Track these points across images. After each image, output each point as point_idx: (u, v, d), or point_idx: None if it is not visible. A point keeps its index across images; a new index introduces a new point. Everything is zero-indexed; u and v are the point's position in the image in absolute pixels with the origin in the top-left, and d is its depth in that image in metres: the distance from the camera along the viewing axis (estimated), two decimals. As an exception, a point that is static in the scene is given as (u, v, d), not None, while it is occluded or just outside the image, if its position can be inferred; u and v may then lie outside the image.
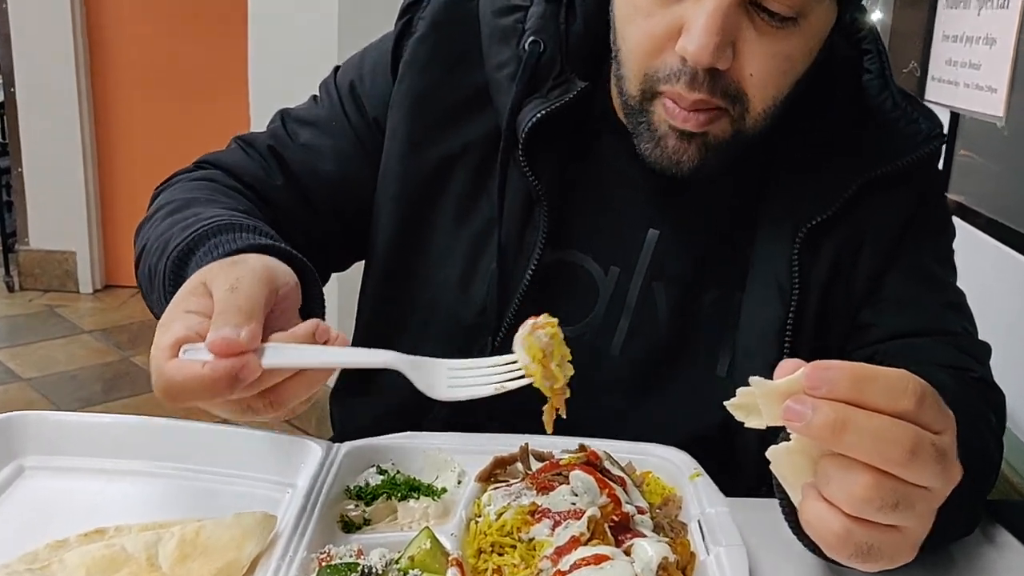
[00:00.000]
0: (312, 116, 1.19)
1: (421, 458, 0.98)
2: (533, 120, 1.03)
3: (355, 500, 0.91)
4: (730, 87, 0.94)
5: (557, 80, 1.06)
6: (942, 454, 0.66)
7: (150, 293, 1.01)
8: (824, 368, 0.65)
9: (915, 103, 1.10)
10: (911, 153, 1.06)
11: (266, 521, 0.84)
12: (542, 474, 0.91)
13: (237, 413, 0.79)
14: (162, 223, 1.02)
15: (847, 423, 0.63)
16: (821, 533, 0.67)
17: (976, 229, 1.76)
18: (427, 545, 0.79)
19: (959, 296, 1.15)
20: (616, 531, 0.83)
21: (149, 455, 0.97)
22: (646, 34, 0.95)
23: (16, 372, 4.03)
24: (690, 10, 0.92)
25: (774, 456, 0.69)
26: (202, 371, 0.74)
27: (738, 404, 0.68)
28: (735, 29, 0.91)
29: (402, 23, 1.14)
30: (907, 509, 0.66)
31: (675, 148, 0.98)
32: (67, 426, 0.98)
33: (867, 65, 1.11)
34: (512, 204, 1.08)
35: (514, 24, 1.08)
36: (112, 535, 0.84)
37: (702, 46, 0.90)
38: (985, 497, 0.97)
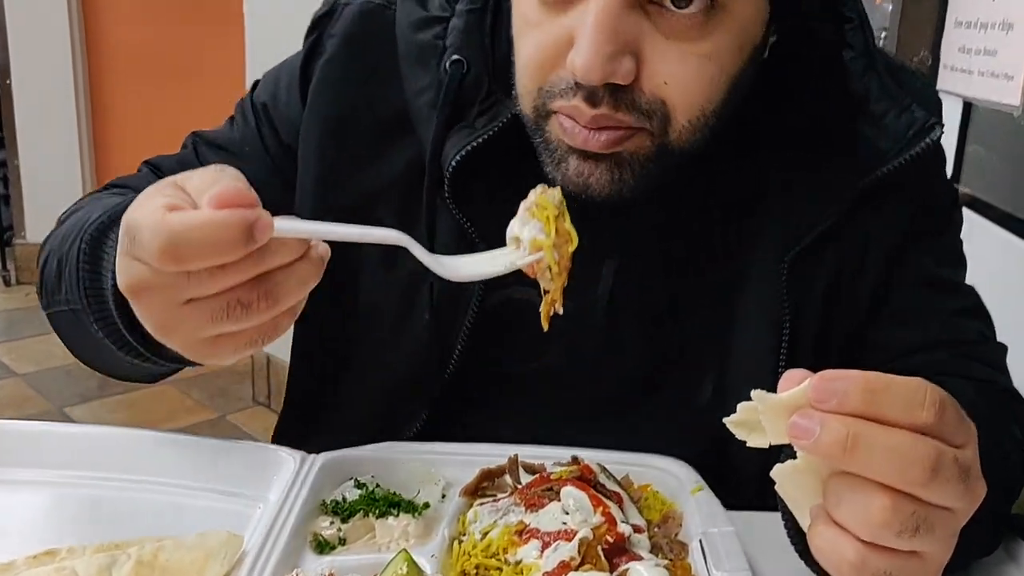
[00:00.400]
0: (224, 139, 1.08)
1: (403, 470, 0.91)
2: (459, 157, 0.92)
3: (330, 516, 0.85)
4: (641, 100, 0.81)
5: (484, 104, 0.93)
6: (965, 471, 0.59)
7: (56, 289, 0.90)
8: (833, 379, 0.58)
9: (904, 79, 0.97)
10: (904, 153, 0.93)
11: (231, 541, 0.79)
12: (532, 489, 0.85)
13: (216, 319, 0.66)
14: (68, 222, 0.94)
15: (859, 440, 0.56)
16: (833, 562, 0.60)
17: (989, 222, 1.70)
18: (403, 570, 0.73)
19: (971, 297, 1.07)
20: (611, 554, 0.76)
21: (108, 467, 0.91)
22: (536, 46, 0.83)
23: (11, 367, 3.99)
24: (577, 19, 0.79)
25: (779, 476, 0.63)
26: (214, 216, 0.62)
27: (739, 421, 0.62)
28: (633, 35, 0.78)
29: (310, 41, 1.03)
30: (928, 533, 0.59)
31: (577, 170, 0.84)
32: (18, 435, 0.93)
33: (848, 39, 0.97)
34: (444, 247, 0.95)
35: (433, 40, 0.96)
36: (64, 557, 0.78)
37: (590, 61, 0.77)
38: (1007, 515, 0.91)
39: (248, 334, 0.69)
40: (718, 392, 0.99)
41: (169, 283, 0.65)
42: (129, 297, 0.69)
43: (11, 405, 3.70)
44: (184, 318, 0.67)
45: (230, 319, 0.66)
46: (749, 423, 0.61)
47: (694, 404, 1.00)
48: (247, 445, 0.94)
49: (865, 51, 0.96)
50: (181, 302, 0.66)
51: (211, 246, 0.63)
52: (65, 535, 0.81)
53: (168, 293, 0.66)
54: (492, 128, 0.92)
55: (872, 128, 0.94)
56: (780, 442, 0.60)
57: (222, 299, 0.66)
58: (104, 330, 0.81)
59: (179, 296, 0.66)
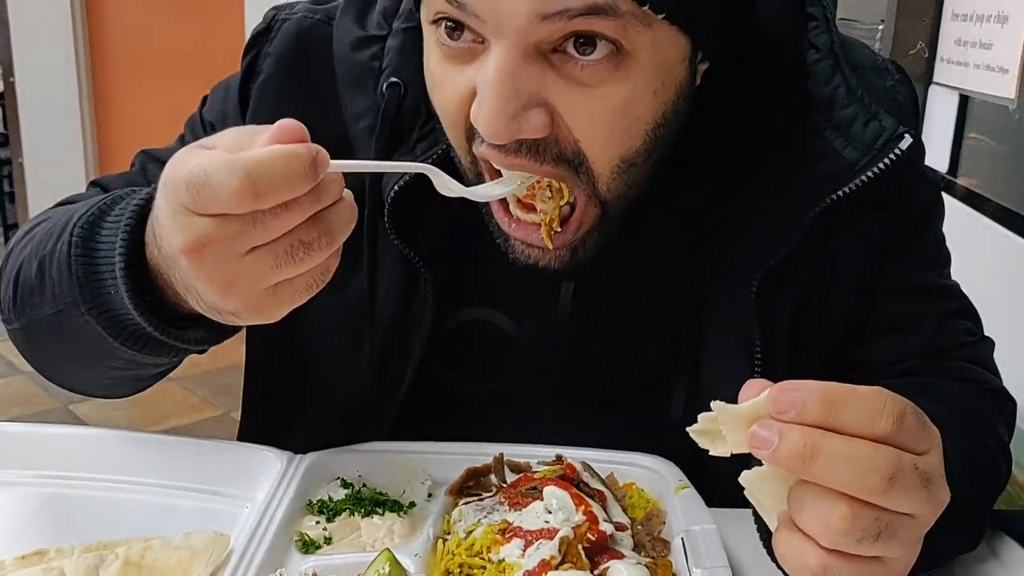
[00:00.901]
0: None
1: (389, 469, 0.92)
2: (398, 186, 0.89)
3: (316, 516, 0.85)
4: (565, 152, 0.78)
5: (424, 129, 0.90)
6: (926, 478, 0.60)
7: (38, 291, 0.85)
8: (792, 389, 0.59)
9: (874, 82, 0.93)
10: (872, 165, 0.88)
11: (218, 541, 0.80)
12: (516, 488, 0.85)
13: (280, 261, 0.66)
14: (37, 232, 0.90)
15: (817, 450, 0.57)
16: (797, 567, 0.61)
17: (985, 216, 1.69)
18: (386, 569, 0.73)
19: (956, 298, 1.05)
20: (592, 552, 0.77)
21: (97, 468, 0.92)
22: (445, 104, 0.81)
23: (16, 365, 4.00)
24: (478, 73, 0.75)
25: (748, 482, 0.63)
26: (287, 148, 0.63)
27: (700, 430, 0.62)
28: (537, 87, 0.75)
29: (247, 61, 0.99)
30: (890, 539, 0.59)
31: (524, 254, 0.85)
32: (7, 437, 0.93)
33: (812, 38, 0.92)
34: (389, 278, 0.94)
35: (370, 61, 0.93)
36: (52, 557, 0.79)
37: (493, 121, 0.74)
38: (988, 512, 0.91)
39: (305, 278, 0.69)
40: (691, 406, 0.96)
41: (234, 232, 0.65)
42: (188, 257, 0.67)
43: (18, 402, 3.73)
44: (248, 268, 0.67)
45: (293, 261, 0.67)
46: (710, 433, 0.62)
47: (666, 418, 0.98)
48: (234, 446, 0.95)
49: (830, 51, 0.93)
50: (245, 251, 0.66)
51: (286, 178, 0.63)
52: (53, 536, 0.82)
53: (233, 243, 0.65)
54: (433, 154, 0.89)
55: (840, 138, 0.91)
56: (741, 451, 0.61)
57: (286, 240, 0.66)
58: (102, 323, 0.79)
59: (244, 244, 0.65)
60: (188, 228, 0.66)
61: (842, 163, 0.90)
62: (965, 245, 1.11)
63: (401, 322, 0.95)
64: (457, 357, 0.99)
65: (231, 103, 1.01)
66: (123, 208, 0.78)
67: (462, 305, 0.97)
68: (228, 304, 0.69)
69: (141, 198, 0.77)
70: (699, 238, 0.96)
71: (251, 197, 0.62)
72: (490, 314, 0.98)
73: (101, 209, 0.80)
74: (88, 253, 0.78)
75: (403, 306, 0.95)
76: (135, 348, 0.80)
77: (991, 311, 1.10)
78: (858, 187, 0.89)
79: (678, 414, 0.98)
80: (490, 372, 0.99)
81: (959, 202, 1.76)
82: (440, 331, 0.96)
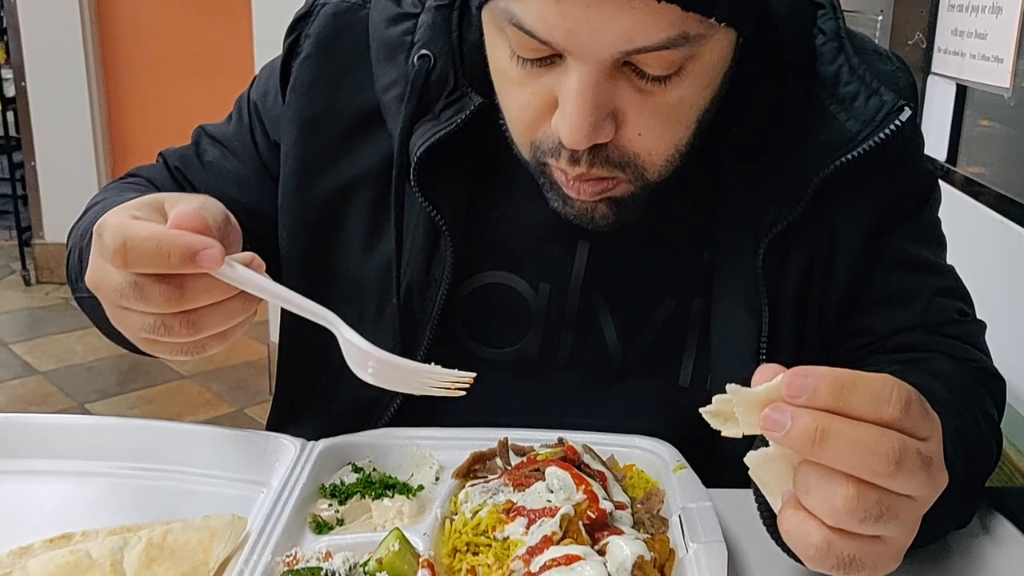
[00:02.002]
0: (221, 134, 1.13)
1: (398, 454, 0.96)
2: (424, 147, 0.95)
3: (329, 499, 0.89)
4: (612, 156, 0.85)
5: (450, 98, 0.97)
6: (927, 462, 0.63)
7: (79, 277, 0.97)
8: (804, 375, 0.62)
9: (876, 64, 0.99)
10: (873, 135, 0.94)
11: (235, 523, 0.83)
12: (519, 470, 0.89)
13: (145, 329, 0.77)
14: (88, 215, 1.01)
15: (828, 433, 0.60)
16: (801, 545, 0.64)
17: (983, 205, 1.71)
18: (395, 547, 0.77)
19: (949, 276, 1.09)
20: (593, 529, 0.80)
21: (121, 457, 0.95)
22: (520, 106, 0.86)
23: (33, 365, 4.06)
24: (558, 84, 0.81)
25: (753, 462, 0.67)
26: (166, 232, 0.73)
27: (714, 412, 0.65)
28: (612, 98, 0.81)
29: (289, 42, 1.07)
30: (891, 519, 0.63)
31: (581, 208, 0.90)
32: (35, 428, 0.97)
33: (820, 24, 0.99)
34: (415, 237, 1.00)
35: (402, 37, 0.99)
36: (78, 540, 0.82)
37: (574, 128, 0.80)
38: (980, 490, 0.94)
39: (174, 347, 0.79)
40: (699, 372, 1.02)
41: (114, 286, 0.75)
42: (91, 289, 0.80)
43: (34, 402, 3.78)
44: (123, 319, 0.79)
45: (155, 333, 0.76)
46: (724, 414, 0.65)
47: (675, 385, 1.03)
48: (251, 434, 0.98)
49: (836, 35, 0.99)
50: (121, 306, 0.77)
51: (153, 256, 0.73)
52: (79, 520, 0.85)
53: (112, 295, 0.76)
54: (457, 120, 0.96)
55: (843, 112, 0.96)
56: (753, 433, 0.64)
57: (147, 316, 0.76)
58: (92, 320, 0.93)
59: (120, 300, 0.76)
60: (92, 265, 0.79)
61: (845, 134, 0.95)
62: (963, 233, 1.13)
63: (422, 283, 1.01)
64: (474, 321, 1.03)
65: (272, 82, 1.08)
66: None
67: (480, 269, 1.03)
68: (124, 331, 0.81)
69: None
70: (709, 206, 1.01)
71: (121, 261, 0.73)
72: (507, 278, 1.03)
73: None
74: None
75: (425, 267, 1.00)
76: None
77: (989, 297, 1.12)
78: (860, 155, 0.94)
79: (687, 380, 1.03)
80: (506, 337, 1.04)
81: (958, 191, 1.78)
82: (458, 294, 1.01)
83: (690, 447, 0.94)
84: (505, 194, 1.01)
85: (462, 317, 1.03)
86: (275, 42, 1.11)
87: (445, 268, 0.99)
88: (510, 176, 0.98)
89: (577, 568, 0.72)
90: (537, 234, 1.01)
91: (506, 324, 1.04)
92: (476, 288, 1.03)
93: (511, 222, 1.02)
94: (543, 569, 0.73)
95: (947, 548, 0.90)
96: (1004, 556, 0.90)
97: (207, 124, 1.16)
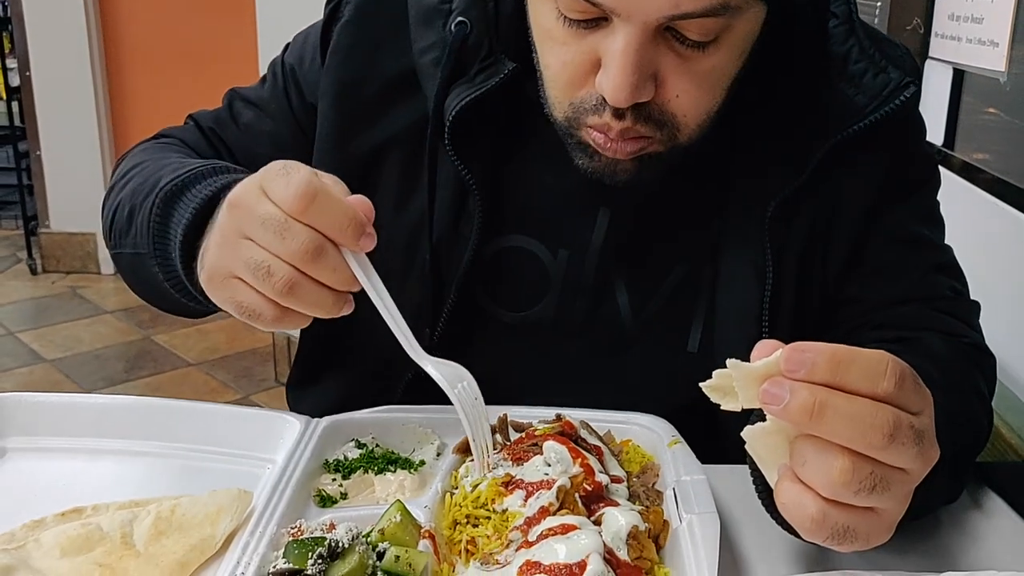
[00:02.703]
0: (256, 97, 1.17)
1: (401, 431, 0.98)
2: (459, 106, 0.99)
3: (333, 474, 0.91)
4: (653, 114, 0.90)
5: (484, 63, 1.01)
6: (920, 436, 0.65)
7: (125, 233, 1.02)
8: (802, 350, 0.64)
9: (883, 47, 1.03)
10: (879, 109, 0.99)
11: (241, 497, 0.85)
12: (518, 445, 0.91)
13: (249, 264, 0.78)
14: (136, 174, 1.03)
15: (825, 407, 0.62)
16: (797, 516, 0.67)
17: (980, 189, 1.73)
18: (398, 518, 0.79)
19: (946, 255, 1.11)
20: (589, 500, 0.83)
21: (130, 434, 0.98)
22: (563, 64, 0.91)
23: (40, 354, 4.09)
24: (604, 44, 0.86)
25: (750, 436, 0.69)
26: (352, 200, 0.79)
27: (714, 386, 0.68)
28: (654, 60, 0.86)
29: (331, 8, 1.11)
30: (884, 491, 0.65)
31: (608, 163, 0.94)
32: (48, 407, 0.99)
33: (833, 8, 1.04)
34: (444, 195, 1.05)
35: (440, 4, 1.03)
36: (89, 514, 0.85)
37: (619, 87, 0.85)
38: (970, 466, 0.96)
39: (253, 295, 0.80)
40: (707, 338, 1.06)
41: (264, 212, 0.78)
42: (228, 205, 0.82)
43: (41, 389, 3.78)
44: (232, 247, 0.80)
45: (256, 271, 0.78)
46: (723, 388, 0.67)
47: (684, 351, 1.06)
48: (256, 412, 1.00)
49: (848, 19, 1.03)
50: (246, 235, 0.79)
51: (335, 214, 0.78)
52: (90, 496, 0.87)
53: (251, 219, 0.78)
54: (490, 83, 1.00)
55: (851, 88, 1.01)
56: (752, 407, 0.66)
57: (263, 252, 0.78)
58: (166, 275, 0.95)
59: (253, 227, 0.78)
60: (242, 186, 0.82)
61: (852, 107, 1.00)
62: (960, 216, 1.15)
63: (450, 240, 1.05)
64: (494, 283, 1.07)
65: (309, 46, 1.13)
66: (200, 190, 0.91)
67: (504, 231, 1.07)
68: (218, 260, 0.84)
69: (216, 187, 0.90)
70: (722, 175, 1.05)
71: (303, 204, 0.76)
72: (528, 242, 1.07)
73: (185, 181, 0.93)
74: (164, 220, 0.92)
75: (453, 225, 1.05)
76: (184, 297, 0.96)
77: (984, 280, 1.14)
78: (865, 127, 0.99)
79: (695, 346, 1.06)
80: (522, 301, 1.08)
81: (955, 175, 1.80)
82: (481, 256, 1.05)
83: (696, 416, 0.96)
84: (531, 160, 1.05)
85: (483, 279, 1.06)
86: (279, 31, 1.14)
87: (473, 226, 1.03)
88: (537, 143, 1.03)
89: (573, 537, 0.74)
90: (560, 200, 1.06)
91: (524, 288, 1.08)
92: (498, 251, 1.07)
93: (535, 187, 1.06)
94: (540, 538, 0.76)
95: (938, 522, 0.92)
96: (994, 530, 0.93)
97: (239, 88, 1.21)
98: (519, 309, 1.08)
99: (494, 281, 1.07)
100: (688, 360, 1.05)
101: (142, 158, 1.10)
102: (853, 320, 1.07)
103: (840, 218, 1.04)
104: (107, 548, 0.81)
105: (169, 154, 1.09)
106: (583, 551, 0.73)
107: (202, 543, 0.81)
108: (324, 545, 0.75)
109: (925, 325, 1.04)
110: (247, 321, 0.82)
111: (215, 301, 0.86)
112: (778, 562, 0.85)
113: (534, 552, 0.74)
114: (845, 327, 1.06)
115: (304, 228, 0.77)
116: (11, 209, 5.35)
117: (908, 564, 0.85)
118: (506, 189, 1.06)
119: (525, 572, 0.73)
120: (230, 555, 0.78)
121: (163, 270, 0.95)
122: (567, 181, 1.01)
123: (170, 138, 1.18)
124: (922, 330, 1.03)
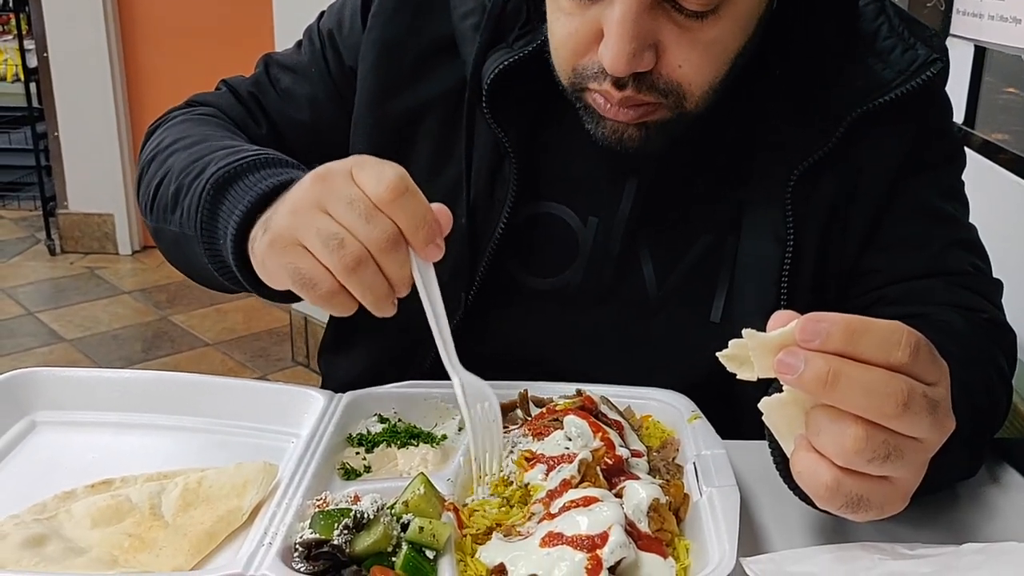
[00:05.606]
0: (293, 62, 1.19)
1: (423, 406, 0.99)
2: (497, 71, 1.01)
3: (356, 448, 0.93)
4: (659, 83, 0.92)
5: (523, 30, 1.04)
6: (934, 406, 0.66)
7: (171, 210, 1.02)
8: (817, 320, 0.64)
9: (914, 26, 1.04)
10: (905, 83, 1.00)
11: (267, 470, 0.86)
12: (539, 420, 0.92)
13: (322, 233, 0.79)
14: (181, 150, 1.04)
15: (839, 376, 0.63)
16: (812, 485, 0.67)
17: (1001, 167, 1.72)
18: (421, 490, 0.80)
19: (968, 231, 1.11)
20: (610, 474, 0.83)
21: (157, 409, 0.99)
22: (568, 34, 0.93)
23: (59, 333, 4.12)
24: (604, 16, 0.89)
25: (766, 407, 0.69)
26: (434, 207, 0.80)
27: (730, 355, 0.68)
28: (652, 30, 0.89)
29: None
30: (898, 460, 0.65)
31: (613, 129, 0.96)
32: (76, 381, 1.01)
33: None
34: (481, 158, 1.06)
35: None
36: (118, 486, 0.87)
37: (617, 56, 0.87)
38: (987, 440, 0.96)
39: (318, 269, 0.80)
40: (729, 308, 1.06)
41: (349, 192, 0.79)
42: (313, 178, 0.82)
43: (61, 369, 3.84)
44: (305, 215, 0.80)
45: (329, 241, 0.78)
46: (739, 358, 0.68)
47: (707, 321, 1.07)
48: (281, 387, 1.01)
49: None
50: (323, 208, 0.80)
51: (416, 212, 0.79)
52: (119, 467, 0.89)
53: (334, 195, 0.79)
54: (527, 48, 1.02)
55: (879, 62, 1.02)
56: (767, 376, 0.66)
57: (337, 227, 0.78)
58: (211, 259, 0.96)
59: (334, 202, 0.79)
60: (332, 164, 0.82)
61: (879, 80, 1.01)
62: (981, 195, 1.15)
63: (486, 203, 1.07)
64: (524, 249, 1.09)
65: (349, 10, 1.15)
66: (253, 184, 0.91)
67: (537, 197, 1.08)
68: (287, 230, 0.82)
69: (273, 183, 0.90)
70: (748, 147, 1.06)
71: (394, 193, 0.78)
72: (559, 209, 1.08)
73: (240, 168, 0.93)
74: (214, 207, 0.93)
75: (489, 188, 1.06)
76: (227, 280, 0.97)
77: (1005, 259, 1.13)
78: (891, 101, 1.00)
79: (717, 316, 1.07)
80: (551, 267, 1.09)
81: (976, 153, 1.79)
82: (513, 222, 1.06)
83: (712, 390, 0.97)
84: (565, 128, 1.06)
85: (514, 243, 1.07)
86: (295, 9, 1.15)
87: (508, 190, 1.05)
88: (570, 112, 1.03)
89: (595, 509, 0.75)
90: (591, 168, 1.07)
91: (553, 254, 1.09)
92: (530, 216, 1.08)
93: (569, 155, 1.08)
94: (562, 510, 0.76)
95: (956, 496, 0.93)
96: (1011, 504, 0.93)
97: (273, 53, 1.22)
98: (547, 275, 1.09)
99: (524, 246, 1.08)
100: (711, 331, 1.06)
101: (184, 132, 1.11)
102: (871, 293, 1.07)
103: (862, 190, 1.05)
104: (136, 519, 0.82)
105: (213, 128, 1.10)
106: (605, 523, 0.74)
107: (229, 514, 0.82)
108: (350, 516, 0.76)
109: (943, 300, 1.04)
110: (298, 290, 0.82)
111: (270, 266, 0.85)
112: (795, 534, 0.85)
113: (556, 524, 0.75)
114: (863, 300, 1.07)
115: (386, 218, 0.79)
116: (30, 190, 5.38)
117: (925, 537, 0.85)
118: (541, 155, 1.08)
119: (547, 543, 0.74)
120: (257, 526, 0.79)
121: (208, 253, 0.96)
122: (598, 150, 1.01)
123: (205, 106, 1.19)
124: (940, 305, 1.03)
